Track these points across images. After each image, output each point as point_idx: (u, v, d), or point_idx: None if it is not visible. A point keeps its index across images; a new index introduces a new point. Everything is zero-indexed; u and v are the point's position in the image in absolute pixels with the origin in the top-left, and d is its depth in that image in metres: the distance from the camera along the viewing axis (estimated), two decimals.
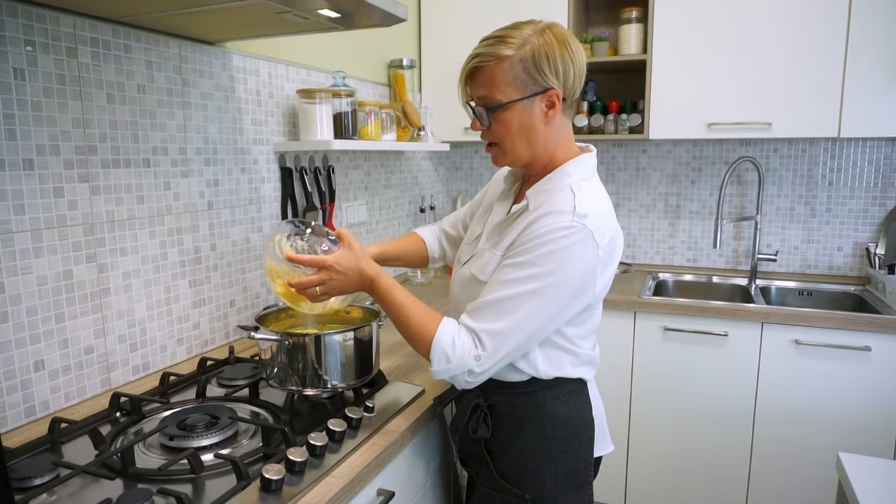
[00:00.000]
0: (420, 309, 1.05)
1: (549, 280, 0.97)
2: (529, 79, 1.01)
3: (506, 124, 1.05)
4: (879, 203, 2.31)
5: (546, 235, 0.97)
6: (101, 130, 1.22)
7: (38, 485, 0.91)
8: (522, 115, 1.04)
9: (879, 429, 1.88)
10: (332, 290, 1.08)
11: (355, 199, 2.10)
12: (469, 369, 1.00)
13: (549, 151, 1.08)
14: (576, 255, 0.97)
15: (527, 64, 1.01)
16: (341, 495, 0.92)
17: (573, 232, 0.97)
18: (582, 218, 0.97)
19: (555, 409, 1.08)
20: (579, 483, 1.10)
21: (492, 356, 0.99)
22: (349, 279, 1.06)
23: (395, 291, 1.06)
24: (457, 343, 0.99)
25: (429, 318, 1.03)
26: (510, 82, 1.01)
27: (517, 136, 1.05)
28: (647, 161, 2.61)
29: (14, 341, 1.09)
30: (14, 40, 1.06)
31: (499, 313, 0.99)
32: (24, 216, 1.09)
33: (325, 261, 1.05)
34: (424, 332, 1.02)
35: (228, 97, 1.54)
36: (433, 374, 1.02)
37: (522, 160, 1.09)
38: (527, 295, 0.98)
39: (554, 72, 1.01)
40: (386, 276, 1.08)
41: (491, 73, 1.02)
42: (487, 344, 0.99)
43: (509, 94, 1.02)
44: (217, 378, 1.34)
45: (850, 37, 1.98)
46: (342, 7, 1.14)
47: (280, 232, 1.16)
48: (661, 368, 2.10)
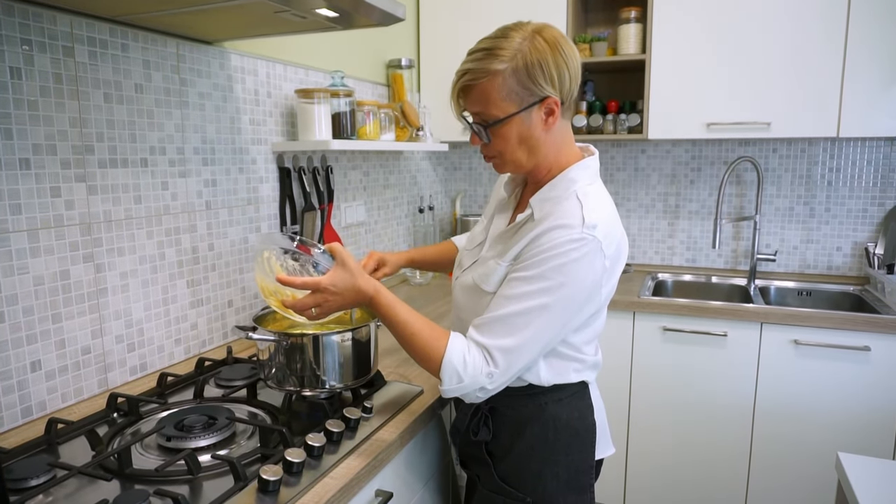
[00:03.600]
0: (426, 326, 1.02)
1: (559, 294, 0.96)
2: (524, 90, 0.98)
3: (505, 138, 1.02)
4: (878, 203, 2.31)
5: (556, 249, 0.96)
6: (98, 130, 1.21)
7: (34, 486, 0.90)
8: (521, 126, 1.01)
9: (879, 428, 1.88)
10: (328, 311, 1.05)
11: (354, 200, 2.10)
12: (482, 386, 0.98)
13: (552, 157, 1.06)
14: (585, 267, 0.96)
15: (520, 76, 0.97)
16: (339, 496, 0.92)
17: (583, 244, 0.95)
18: (591, 229, 0.96)
19: (557, 411, 1.07)
20: (581, 486, 1.10)
21: (504, 373, 0.98)
22: (345, 299, 1.03)
23: (398, 309, 1.03)
24: (468, 361, 0.97)
25: (436, 335, 1.01)
26: (505, 97, 0.98)
27: (517, 148, 1.03)
28: (646, 161, 2.61)
29: (11, 341, 1.09)
30: (10, 39, 1.06)
31: (510, 329, 0.97)
32: (21, 216, 1.09)
33: (318, 283, 1.00)
34: (433, 350, 0.99)
35: (226, 97, 1.53)
36: (444, 392, 1.00)
37: (525, 169, 1.08)
38: (537, 310, 0.96)
39: (549, 80, 0.98)
40: (385, 291, 1.05)
41: (484, 90, 0.98)
42: (500, 361, 0.97)
43: (506, 109, 0.99)
44: (215, 378, 1.33)
45: (848, 37, 1.98)
46: (340, 6, 1.14)
47: (267, 247, 1.12)
48: (660, 369, 2.10)
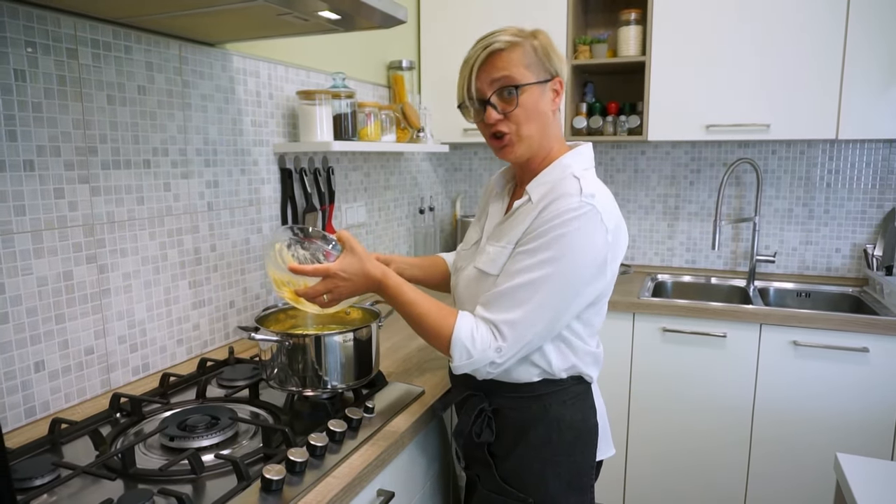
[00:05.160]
0: (433, 305, 1.04)
1: (561, 264, 0.97)
2: (541, 64, 1.05)
3: (526, 108, 1.04)
4: (877, 205, 2.32)
5: (556, 219, 0.97)
6: (101, 131, 1.22)
7: (38, 485, 0.91)
8: (539, 99, 1.05)
9: (877, 429, 1.88)
10: (340, 297, 1.08)
11: (355, 201, 2.11)
12: (491, 361, 1.00)
13: (549, 144, 1.09)
14: (587, 237, 0.97)
15: (538, 51, 1.04)
16: (342, 495, 0.92)
17: (583, 213, 0.97)
18: (590, 198, 0.98)
19: (560, 412, 1.08)
20: (582, 487, 1.10)
21: (512, 346, 0.99)
22: (355, 284, 1.05)
23: (405, 290, 1.06)
24: (476, 336, 0.99)
25: (444, 314, 1.02)
26: (528, 65, 1.04)
27: (534, 121, 1.06)
28: (645, 163, 2.61)
29: (14, 342, 1.09)
30: (15, 41, 1.06)
31: (515, 302, 0.99)
32: (25, 217, 1.10)
33: (328, 269, 1.04)
34: (441, 328, 1.01)
35: (228, 98, 1.54)
36: (455, 368, 1.02)
37: (532, 149, 1.08)
38: (541, 281, 0.97)
39: (558, 61, 1.06)
40: (393, 275, 1.07)
41: (511, 56, 1.03)
42: (507, 334, 0.99)
43: (528, 77, 1.04)
44: (217, 379, 1.34)
45: (848, 39, 1.99)
46: (342, 9, 1.14)
47: (279, 240, 1.15)
48: (659, 370, 2.11)
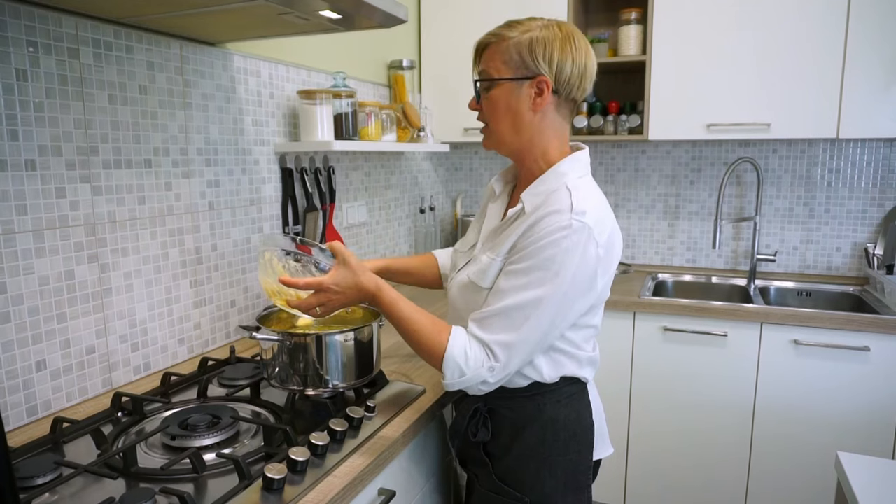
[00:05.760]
0: (427, 321, 1.03)
1: (553, 284, 0.97)
2: (521, 62, 1.05)
3: (493, 102, 1.08)
4: (878, 204, 2.32)
5: (546, 237, 0.98)
6: (102, 131, 1.22)
7: (40, 484, 0.91)
8: (510, 96, 1.06)
9: (878, 428, 1.88)
10: (332, 309, 1.08)
11: (355, 200, 2.11)
12: (483, 380, 1.00)
13: (541, 146, 1.09)
14: (578, 256, 0.97)
15: (521, 48, 1.04)
16: (343, 494, 0.92)
17: (573, 231, 0.97)
18: (580, 215, 0.98)
19: (555, 412, 1.08)
20: (579, 486, 1.10)
21: (505, 367, 1.00)
22: (348, 297, 1.05)
23: (400, 304, 1.05)
24: (469, 355, 0.99)
25: (438, 330, 1.02)
26: (505, 61, 1.05)
27: (503, 117, 1.08)
28: (646, 162, 2.61)
29: (16, 341, 1.09)
30: (16, 41, 1.06)
31: (508, 324, 0.99)
32: (26, 216, 1.10)
33: (321, 283, 1.03)
34: (435, 344, 1.01)
35: (229, 98, 1.54)
36: (446, 386, 1.01)
37: (507, 145, 1.11)
38: (533, 303, 0.98)
39: (547, 60, 1.04)
40: (388, 288, 1.06)
41: (492, 51, 1.07)
42: (500, 355, 0.99)
43: (501, 72, 1.06)
44: (218, 378, 1.34)
45: (848, 38, 1.99)
46: (343, 8, 1.14)
47: (268, 248, 1.14)
48: (660, 369, 2.11)
